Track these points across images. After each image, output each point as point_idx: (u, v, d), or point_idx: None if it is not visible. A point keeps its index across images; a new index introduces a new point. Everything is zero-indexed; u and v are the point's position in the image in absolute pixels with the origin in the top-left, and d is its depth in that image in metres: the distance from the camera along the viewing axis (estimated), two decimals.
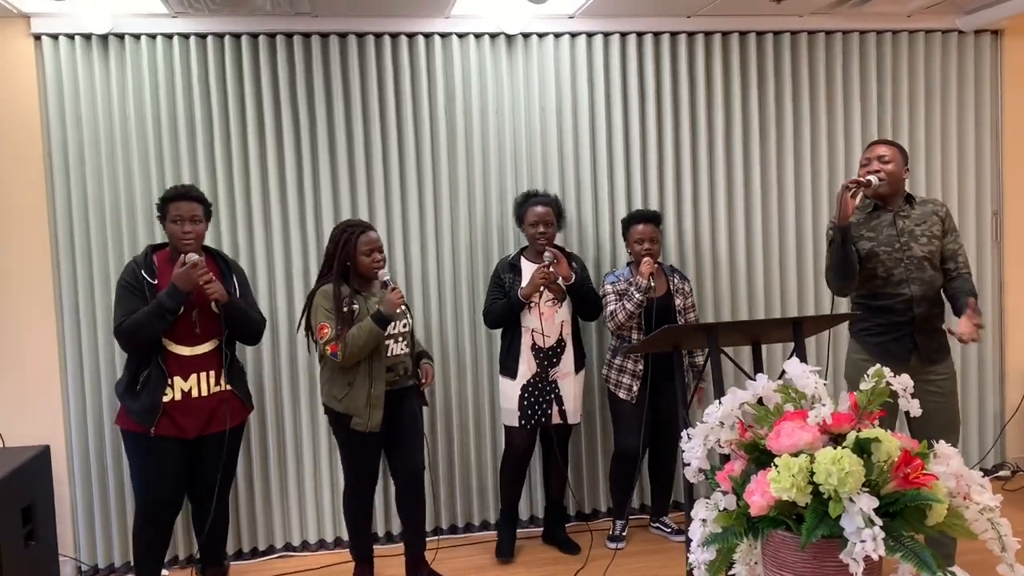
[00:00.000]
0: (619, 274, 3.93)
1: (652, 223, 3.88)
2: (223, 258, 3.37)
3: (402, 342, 3.43)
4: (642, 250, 3.82)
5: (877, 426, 2.02)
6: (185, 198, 3.17)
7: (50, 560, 3.61)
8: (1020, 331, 4.65)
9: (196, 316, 3.15)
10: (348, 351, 3.23)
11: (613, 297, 3.85)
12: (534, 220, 3.76)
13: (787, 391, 2.05)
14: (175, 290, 3.05)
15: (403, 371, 3.44)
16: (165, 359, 3.15)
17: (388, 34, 3.98)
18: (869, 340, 3.23)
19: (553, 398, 3.79)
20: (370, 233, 3.39)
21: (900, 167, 3.18)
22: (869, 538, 1.73)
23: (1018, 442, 4.70)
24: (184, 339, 3.17)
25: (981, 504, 1.89)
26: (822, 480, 1.81)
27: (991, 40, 4.55)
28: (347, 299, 3.31)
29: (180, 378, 3.16)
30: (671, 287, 3.93)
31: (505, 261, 3.89)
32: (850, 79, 4.39)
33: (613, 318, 3.81)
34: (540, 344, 3.76)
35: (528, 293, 3.70)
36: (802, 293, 4.42)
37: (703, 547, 2.05)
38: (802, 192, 4.39)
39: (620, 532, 4.01)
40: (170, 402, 3.14)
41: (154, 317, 3.05)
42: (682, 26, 4.19)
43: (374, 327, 3.23)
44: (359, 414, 3.31)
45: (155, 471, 3.18)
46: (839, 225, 3.08)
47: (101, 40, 3.78)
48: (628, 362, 3.87)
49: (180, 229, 3.15)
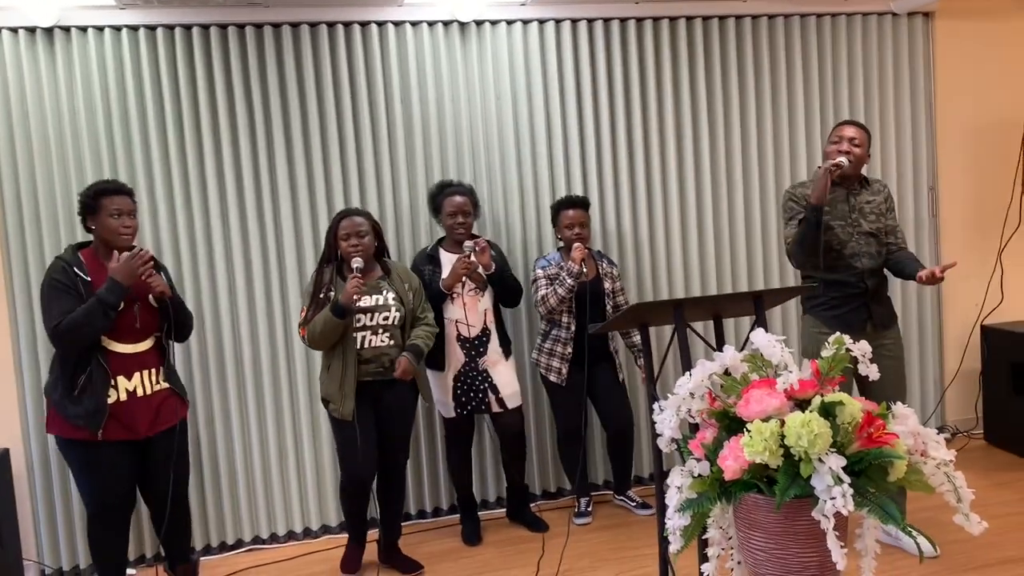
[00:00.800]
0: (550, 258, 3.99)
1: (581, 208, 3.95)
2: None
3: (383, 334, 3.44)
4: (572, 235, 3.89)
5: (839, 391, 2.13)
6: (121, 192, 3.05)
7: (14, 565, 3.56)
8: (957, 300, 4.88)
9: (137, 310, 3.06)
10: (310, 335, 3.34)
11: (544, 282, 3.92)
12: (452, 210, 3.79)
13: (755, 360, 2.15)
14: (115, 284, 2.93)
15: (388, 363, 3.44)
16: (107, 358, 3.02)
17: (341, 23, 3.98)
18: (826, 314, 3.41)
19: (487, 386, 3.82)
20: (353, 218, 3.42)
21: (866, 151, 3.39)
22: (839, 495, 1.84)
23: (957, 406, 4.94)
24: (125, 336, 3.06)
25: (938, 459, 2.02)
26: (793, 443, 1.91)
27: (923, 22, 4.74)
28: (326, 285, 3.37)
29: (124, 377, 3.04)
30: (600, 271, 4.02)
31: (423, 253, 3.90)
32: (792, 61, 4.54)
33: (545, 303, 3.88)
34: (465, 334, 3.80)
35: (450, 284, 3.72)
36: (752, 272, 4.56)
37: (679, 513, 2.15)
38: (749, 173, 4.52)
39: (585, 508, 4.10)
40: (115, 403, 3.02)
41: (95, 315, 2.91)
42: (630, 12, 4.28)
43: (330, 316, 3.27)
44: (334, 400, 3.39)
45: (105, 476, 3.04)
46: (815, 204, 3.22)
47: (46, 33, 3.69)
48: (557, 345, 3.95)
49: (120, 224, 3.03)
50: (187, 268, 3.90)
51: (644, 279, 4.41)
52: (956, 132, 4.83)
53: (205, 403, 3.96)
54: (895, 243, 3.48)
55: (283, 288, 4.03)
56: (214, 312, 3.95)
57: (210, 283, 3.94)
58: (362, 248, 3.39)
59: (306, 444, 4.07)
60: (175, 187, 3.86)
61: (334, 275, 3.42)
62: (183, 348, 3.90)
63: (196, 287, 3.92)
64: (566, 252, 3.95)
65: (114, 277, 2.94)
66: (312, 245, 4.00)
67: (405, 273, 3.62)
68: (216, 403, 3.97)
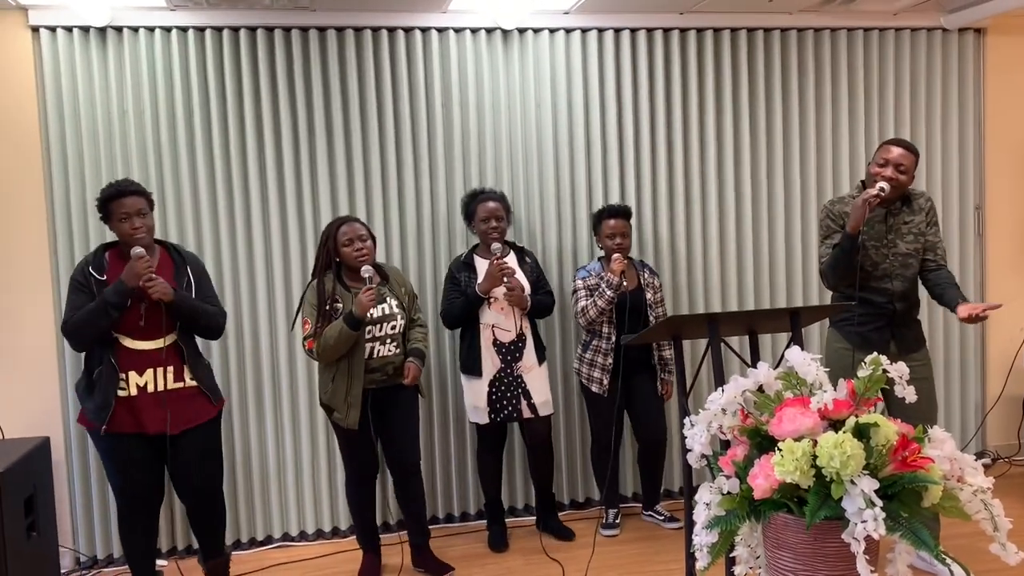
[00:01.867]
0: (590, 269, 3.97)
1: (623, 217, 3.92)
2: (178, 252, 3.28)
3: (390, 343, 3.45)
4: (613, 245, 3.87)
5: (875, 412, 2.10)
6: (128, 193, 3.06)
7: (51, 551, 3.63)
8: (1001, 323, 4.77)
9: (144, 310, 3.07)
10: (321, 349, 3.30)
11: (584, 293, 3.90)
12: (485, 215, 3.79)
13: (789, 378, 2.12)
14: (121, 285, 2.98)
15: (391, 371, 3.46)
16: (117, 354, 3.07)
17: (385, 28, 4.02)
18: (849, 329, 3.33)
19: (520, 392, 3.81)
20: (352, 223, 3.41)
21: (911, 176, 3.24)
22: (870, 518, 1.81)
23: (998, 430, 4.82)
24: (135, 333, 3.08)
25: (975, 486, 1.98)
26: (825, 463, 1.88)
27: (974, 38, 4.65)
28: (331, 296, 3.36)
29: (135, 373, 3.08)
30: (641, 282, 3.99)
31: (459, 260, 3.90)
32: (838, 76, 4.48)
33: (584, 314, 3.87)
34: (501, 340, 3.80)
35: (487, 288, 3.71)
36: (791, 288, 4.51)
37: (707, 530, 2.12)
38: (791, 188, 4.47)
39: (613, 520, 4.08)
40: (126, 398, 3.07)
41: (97, 313, 2.98)
42: (675, 23, 4.26)
43: (344, 328, 3.26)
44: (339, 410, 3.39)
45: (119, 468, 3.13)
46: (851, 232, 3.15)
47: (99, 33, 3.79)
48: (598, 356, 3.93)
49: (130, 226, 3.04)
50: (227, 268, 3.96)
51: (680, 290, 4.38)
52: (1005, 151, 4.73)
53: (240, 402, 4.02)
54: (933, 260, 3.36)
55: None
56: (252, 313, 4.01)
57: (249, 284, 3.99)
58: (366, 252, 3.39)
59: (335, 443, 4.09)
60: (218, 189, 3.93)
61: (335, 285, 3.41)
62: (219, 348, 3.95)
63: (235, 288, 3.98)
64: (607, 262, 3.93)
65: (122, 278, 3.00)
66: None
67: (400, 277, 3.62)
68: (250, 402, 4.02)
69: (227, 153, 3.94)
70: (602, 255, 4.02)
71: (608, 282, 3.78)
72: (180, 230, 3.91)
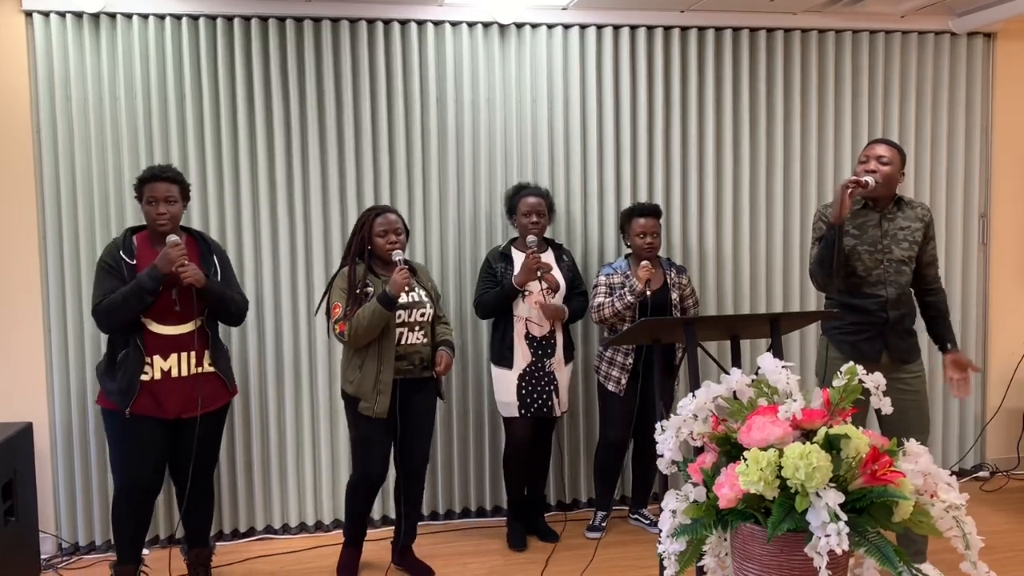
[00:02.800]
0: (616, 266, 3.92)
1: (654, 216, 3.86)
2: (204, 239, 3.34)
3: (418, 331, 3.42)
4: (644, 244, 3.81)
5: (849, 423, 2.04)
6: (159, 179, 3.12)
7: (31, 536, 3.63)
8: (1003, 334, 4.69)
9: (176, 295, 3.12)
10: (354, 331, 3.27)
11: (604, 289, 3.85)
12: (527, 210, 3.77)
13: (760, 386, 2.07)
14: (155, 271, 3.03)
15: (418, 361, 3.42)
16: (144, 338, 3.11)
17: (381, 20, 3.98)
18: (841, 339, 3.23)
19: (553, 389, 3.78)
20: (388, 215, 3.41)
21: (897, 169, 3.16)
22: (833, 532, 1.75)
23: (998, 443, 4.73)
24: (164, 318, 3.13)
25: (947, 502, 1.92)
26: (789, 474, 1.83)
27: (984, 43, 4.56)
28: (361, 280, 3.34)
29: (160, 357, 3.13)
30: (668, 281, 3.92)
31: (496, 251, 3.89)
32: (842, 78, 4.40)
33: (600, 311, 3.81)
34: (534, 333, 3.77)
35: (522, 280, 3.68)
36: (787, 289, 4.45)
37: (672, 538, 2.08)
38: (791, 189, 4.40)
39: (600, 523, 4.03)
40: (149, 381, 3.11)
41: (132, 297, 3.03)
42: (675, 20, 4.19)
43: (379, 308, 3.24)
44: (366, 398, 3.33)
45: (134, 451, 3.16)
46: (833, 222, 3.09)
47: (93, 18, 3.77)
48: (618, 355, 3.88)
49: (155, 210, 3.11)
50: None
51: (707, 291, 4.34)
52: (1012, 158, 4.63)
53: None
54: (931, 279, 3.29)
55: (309, 282, 4.04)
56: None
57: (238, 272, 3.95)
58: (400, 245, 3.39)
59: (323, 438, 4.08)
60: (209, 176, 3.90)
61: (367, 271, 3.40)
62: None
63: None
64: (635, 260, 3.88)
65: (156, 263, 3.05)
66: (340, 240, 4.01)
67: (425, 272, 3.62)
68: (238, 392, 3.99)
69: (219, 141, 3.91)
70: (630, 252, 3.96)
71: (631, 288, 3.73)
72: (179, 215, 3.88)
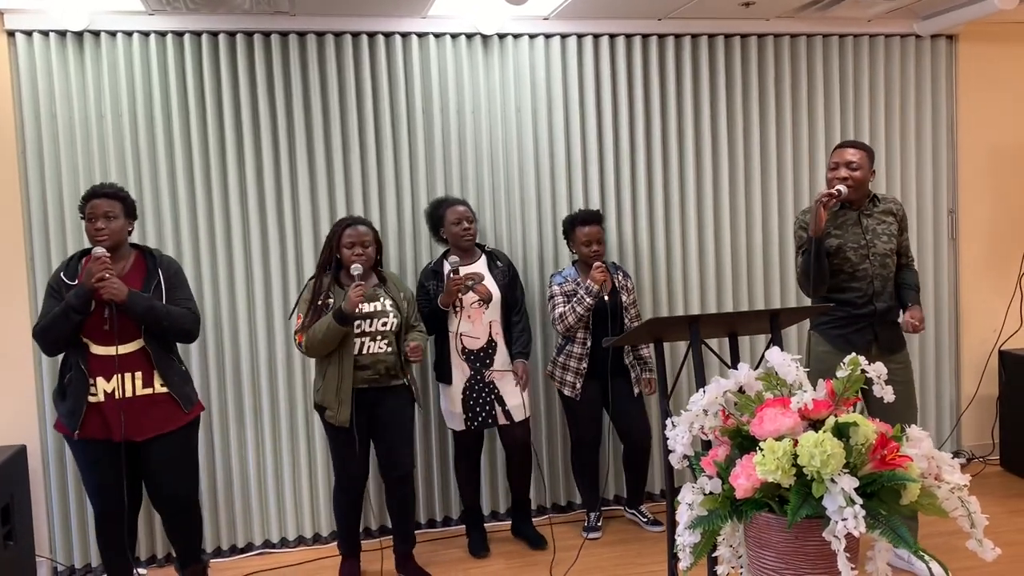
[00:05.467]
0: (566, 274, 3.98)
1: (596, 224, 3.92)
2: (153, 256, 3.22)
3: (380, 340, 3.45)
4: (590, 252, 3.87)
5: (855, 411, 2.13)
6: (99, 196, 3.05)
7: (28, 561, 3.59)
8: (975, 324, 4.85)
9: (107, 314, 3.02)
10: (309, 342, 3.35)
11: (561, 300, 3.91)
12: (456, 218, 3.79)
13: (770, 379, 2.15)
14: (80, 288, 2.96)
15: (383, 370, 3.45)
16: (86, 360, 3.04)
17: (366, 33, 4.02)
18: (831, 332, 3.39)
19: (494, 398, 3.80)
20: (357, 227, 3.44)
21: (867, 171, 3.32)
22: (851, 516, 1.84)
23: (973, 431, 4.89)
24: (101, 339, 3.04)
25: (952, 483, 2.01)
26: (806, 462, 1.91)
27: (947, 44, 4.73)
28: (324, 292, 3.39)
29: (103, 379, 3.04)
30: (616, 284, 4.00)
31: (428, 268, 3.88)
32: (814, 81, 4.54)
33: (563, 320, 3.87)
34: (470, 347, 3.79)
35: (446, 302, 3.69)
36: (768, 289, 4.56)
37: (689, 530, 2.14)
38: (768, 190, 4.52)
39: (595, 523, 4.09)
40: (96, 403, 3.04)
41: (60, 317, 2.97)
42: (654, 28, 4.29)
43: (332, 323, 3.29)
44: (330, 407, 3.40)
45: (89, 475, 3.12)
46: (814, 236, 3.20)
47: (76, 37, 3.75)
48: (571, 360, 3.94)
49: (92, 227, 3.04)
50: (206, 273, 3.94)
51: (660, 293, 4.40)
52: (978, 155, 4.81)
53: (220, 406, 3.98)
54: (904, 260, 3.50)
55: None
56: (232, 317, 3.98)
57: (228, 288, 3.97)
58: (365, 258, 3.42)
59: (318, 449, 4.08)
60: (197, 192, 3.90)
61: (332, 283, 3.45)
62: (198, 353, 3.93)
63: (215, 291, 3.96)
64: (582, 267, 3.95)
65: (81, 280, 2.98)
66: None
67: (399, 282, 3.65)
68: (230, 407, 4.00)
69: (206, 158, 3.91)
70: (576, 259, 4.03)
71: (588, 290, 3.79)
72: (159, 234, 3.88)
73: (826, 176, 3.38)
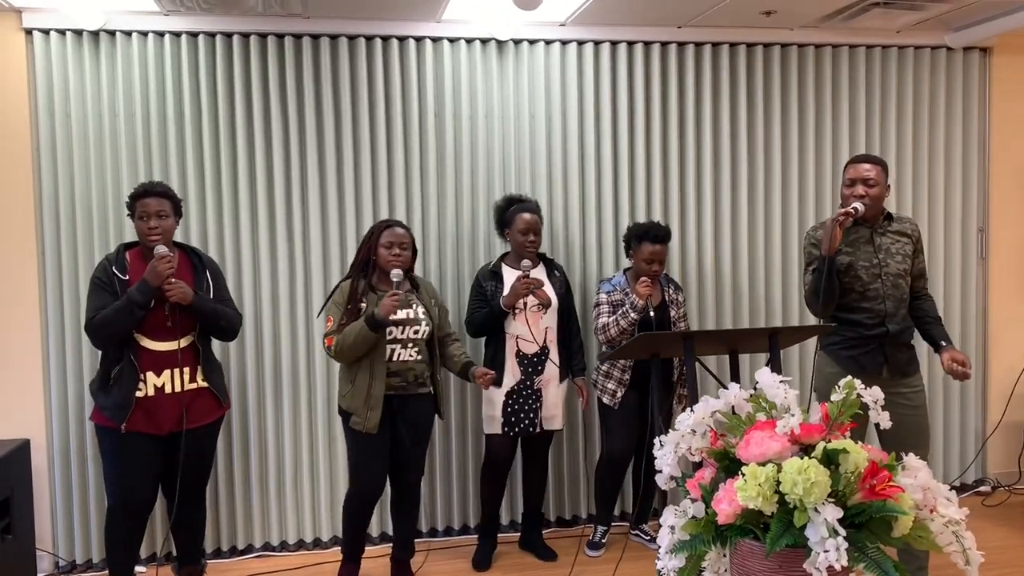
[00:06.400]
0: (615, 283, 3.89)
1: (664, 243, 3.78)
2: (197, 255, 3.33)
3: (411, 348, 3.39)
4: (650, 270, 3.76)
5: (848, 437, 2.03)
6: (150, 194, 3.12)
7: (27, 554, 3.61)
8: (1003, 347, 4.68)
9: (168, 311, 3.11)
10: (339, 347, 3.29)
11: (607, 308, 3.83)
12: (524, 227, 3.73)
13: (758, 401, 2.06)
14: (145, 285, 3.02)
15: (412, 378, 3.40)
16: (137, 354, 3.11)
17: (379, 37, 4.00)
18: (841, 353, 3.23)
19: (538, 407, 3.76)
20: (396, 229, 3.40)
21: (884, 187, 3.18)
22: (832, 548, 1.74)
23: (999, 457, 4.72)
24: (156, 334, 3.12)
25: (947, 517, 1.91)
26: (788, 489, 1.82)
27: (979, 57, 4.58)
28: (358, 296, 3.34)
29: (153, 373, 3.12)
30: (666, 298, 3.91)
31: (486, 269, 3.85)
32: (839, 93, 4.42)
33: (605, 331, 3.79)
34: (524, 351, 3.75)
35: (510, 303, 3.65)
36: (787, 303, 4.44)
37: (671, 554, 2.06)
38: (789, 204, 4.41)
39: (600, 539, 4.01)
40: (143, 398, 3.10)
41: (123, 312, 3.02)
42: (673, 36, 4.21)
43: (364, 328, 3.23)
44: (358, 413, 3.34)
45: (128, 468, 3.14)
46: (826, 255, 3.09)
47: (93, 36, 3.79)
48: (615, 369, 3.87)
49: (146, 225, 3.11)
50: None
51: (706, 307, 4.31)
52: (1010, 172, 4.64)
53: None
54: (921, 288, 3.32)
55: (307, 297, 4.04)
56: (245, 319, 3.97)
57: (236, 289, 3.97)
58: (403, 260, 3.36)
59: (321, 454, 4.06)
60: (207, 192, 3.91)
61: (365, 286, 3.39)
62: None
63: None
64: (633, 277, 3.86)
65: (145, 277, 3.04)
66: (338, 256, 4.01)
67: (432, 289, 3.61)
68: (235, 408, 3.99)
69: (218, 158, 3.92)
70: (629, 267, 3.94)
71: (633, 304, 3.71)
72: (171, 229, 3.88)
73: (841, 192, 3.23)
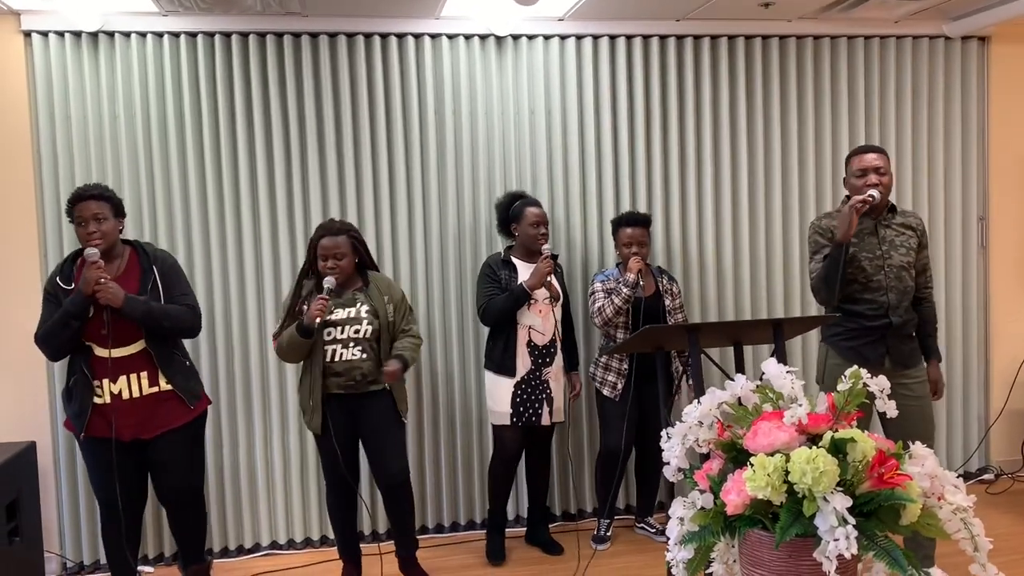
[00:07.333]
0: (608, 274, 3.95)
1: (641, 226, 3.88)
2: (147, 252, 3.18)
3: (354, 347, 3.37)
4: (630, 253, 3.83)
5: (855, 427, 2.04)
6: (86, 198, 3.00)
7: (35, 556, 3.62)
8: (1004, 335, 4.69)
9: (106, 317, 3.00)
10: (279, 349, 3.39)
11: (602, 295, 3.86)
12: (535, 220, 3.77)
13: (764, 391, 2.07)
14: (78, 294, 2.94)
15: (359, 376, 3.38)
16: (90, 363, 3.06)
17: (378, 34, 4.00)
18: (842, 344, 3.24)
19: (545, 398, 3.78)
20: (334, 238, 3.35)
21: (891, 177, 3.19)
22: (842, 536, 1.75)
23: (1002, 445, 4.73)
24: (104, 341, 3.03)
25: (954, 504, 1.91)
26: (796, 479, 1.83)
27: (978, 46, 4.58)
28: (304, 299, 3.39)
29: (108, 380, 3.05)
30: (659, 288, 3.95)
31: (498, 257, 3.85)
32: (838, 84, 4.42)
33: (601, 313, 3.82)
34: (536, 342, 3.77)
35: (534, 284, 3.65)
36: (788, 295, 4.45)
37: (680, 545, 2.07)
38: (789, 196, 4.41)
39: (604, 532, 4.02)
40: (101, 405, 3.07)
41: (59, 324, 2.97)
42: (671, 30, 4.21)
43: (294, 334, 3.28)
44: (306, 412, 3.44)
45: (94, 473, 3.16)
46: (842, 241, 3.08)
47: (91, 37, 3.78)
48: (613, 361, 3.90)
49: (85, 231, 3.00)
50: (217, 273, 3.94)
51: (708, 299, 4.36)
52: (1010, 160, 4.65)
53: (228, 406, 3.99)
54: (924, 285, 3.32)
55: None
56: (241, 316, 3.99)
57: (239, 289, 3.97)
58: (338, 271, 3.34)
59: None
60: (209, 193, 3.91)
61: (312, 289, 3.40)
62: (208, 352, 3.93)
63: (225, 291, 3.97)
64: (623, 269, 3.90)
65: (78, 286, 2.96)
66: None
67: (387, 287, 3.51)
68: (239, 406, 4.00)
69: (218, 158, 3.92)
70: (619, 262, 3.99)
71: (625, 281, 3.73)
72: (170, 234, 3.90)
73: (851, 183, 3.21)
